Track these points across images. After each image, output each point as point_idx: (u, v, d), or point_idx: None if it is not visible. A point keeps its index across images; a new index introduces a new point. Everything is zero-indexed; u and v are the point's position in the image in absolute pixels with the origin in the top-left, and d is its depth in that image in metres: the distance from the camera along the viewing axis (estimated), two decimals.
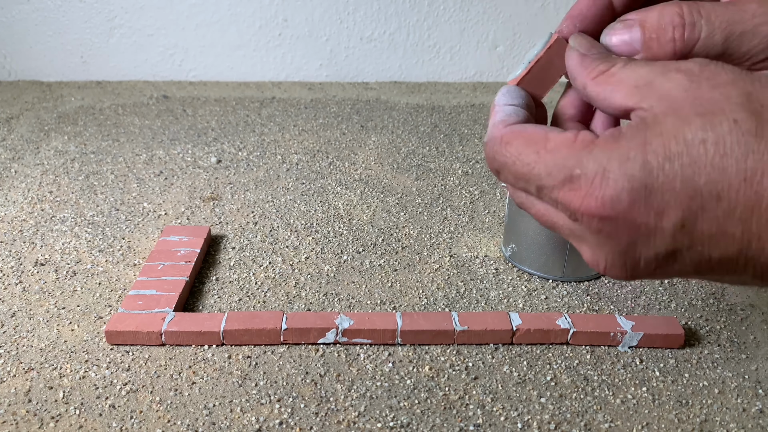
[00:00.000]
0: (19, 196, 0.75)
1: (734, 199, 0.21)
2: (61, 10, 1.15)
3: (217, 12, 1.16)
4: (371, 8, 1.18)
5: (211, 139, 0.93)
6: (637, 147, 0.22)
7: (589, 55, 0.26)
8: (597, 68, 0.25)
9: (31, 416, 0.44)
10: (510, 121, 0.27)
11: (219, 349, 0.51)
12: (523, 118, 0.28)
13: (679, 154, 0.21)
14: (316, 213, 0.73)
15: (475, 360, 0.51)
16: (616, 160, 0.22)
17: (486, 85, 1.25)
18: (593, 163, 0.23)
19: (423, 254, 0.65)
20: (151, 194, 0.76)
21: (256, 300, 0.57)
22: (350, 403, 0.46)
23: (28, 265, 0.62)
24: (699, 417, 0.46)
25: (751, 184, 0.21)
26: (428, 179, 0.82)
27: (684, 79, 0.23)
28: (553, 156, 0.24)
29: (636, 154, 0.22)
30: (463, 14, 1.20)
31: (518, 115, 0.28)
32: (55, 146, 0.89)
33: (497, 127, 0.27)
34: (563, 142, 0.24)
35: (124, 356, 0.50)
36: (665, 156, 0.22)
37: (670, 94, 0.22)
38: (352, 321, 0.51)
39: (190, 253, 0.60)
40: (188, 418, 0.44)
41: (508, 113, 0.28)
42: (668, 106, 0.22)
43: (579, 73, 0.26)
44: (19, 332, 0.52)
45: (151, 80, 1.21)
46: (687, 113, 0.22)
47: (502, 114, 0.28)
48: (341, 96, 1.15)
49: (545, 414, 0.46)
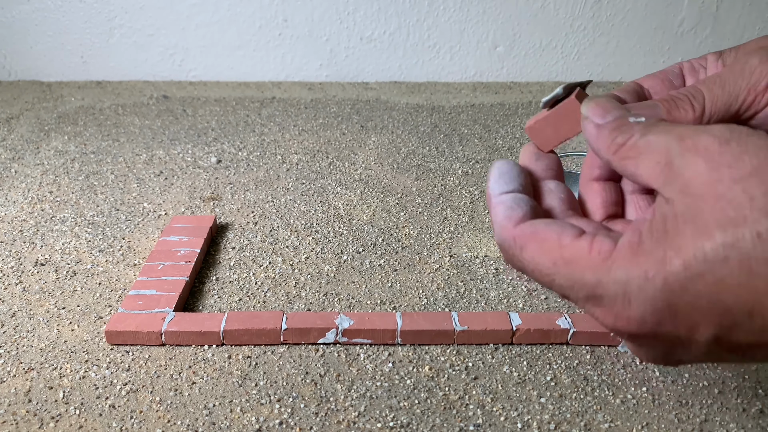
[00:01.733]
0: (19, 196, 0.75)
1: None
2: (61, 10, 1.15)
3: (217, 12, 1.16)
4: (371, 8, 1.18)
5: (211, 139, 0.93)
6: (656, 265, 0.21)
7: (605, 125, 0.25)
8: (615, 141, 0.24)
9: (31, 416, 0.44)
10: (515, 216, 0.26)
11: (219, 349, 0.51)
12: (527, 209, 0.26)
13: (702, 274, 0.20)
14: (316, 213, 0.73)
15: (475, 360, 0.51)
16: (635, 282, 0.21)
17: (486, 85, 1.25)
18: (613, 284, 0.22)
19: (423, 254, 0.65)
20: (151, 194, 0.76)
21: (256, 300, 0.57)
22: (350, 403, 0.46)
23: (28, 265, 0.62)
24: (699, 417, 0.46)
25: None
26: (428, 179, 0.82)
27: (704, 165, 0.21)
28: (571, 270, 0.23)
29: (656, 274, 0.21)
30: (463, 14, 1.20)
31: (521, 206, 0.26)
32: (55, 146, 0.89)
33: (505, 228, 0.26)
34: (579, 254, 0.23)
35: (124, 356, 0.50)
36: (687, 276, 0.20)
37: (690, 187, 0.21)
38: (352, 321, 0.51)
39: (190, 253, 0.60)
40: (188, 418, 0.44)
41: (510, 206, 0.26)
42: (688, 208, 0.21)
43: (599, 148, 0.25)
44: (19, 332, 0.52)
45: (151, 80, 1.21)
46: (707, 222, 0.20)
47: (503, 209, 0.26)
48: (341, 96, 1.15)
49: (545, 414, 0.46)
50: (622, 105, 0.26)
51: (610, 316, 0.23)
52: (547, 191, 0.29)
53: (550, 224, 0.25)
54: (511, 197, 0.27)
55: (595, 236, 0.23)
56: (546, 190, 0.29)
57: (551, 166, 0.30)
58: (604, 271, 0.22)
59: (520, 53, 1.25)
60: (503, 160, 0.29)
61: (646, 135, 0.23)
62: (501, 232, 0.26)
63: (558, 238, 0.24)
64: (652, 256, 0.21)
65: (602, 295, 0.22)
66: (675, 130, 0.23)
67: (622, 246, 0.22)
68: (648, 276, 0.21)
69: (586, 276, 0.23)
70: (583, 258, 0.23)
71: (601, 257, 0.22)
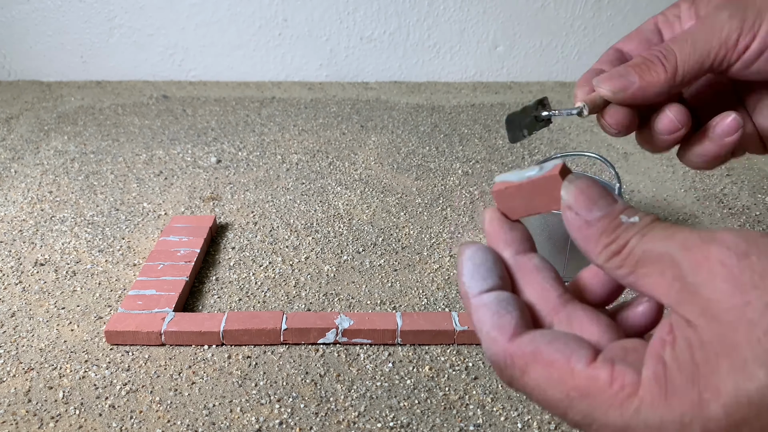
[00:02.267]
0: (19, 196, 0.75)
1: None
2: (61, 10, 1.15)
3: (217, 12, 1.16)
4: (371, 8, 1.18)
5: (211, 139, 0.93)
6: (692, 409, 0.18)
7: (593, 224, 0.22)
8: (608, 248, 0.21)
9: (31, 416, 0.44)
10: (508, 327, 0.22)
11: (219, 349, 0.51)
12: (517, 315, 0.23)
13: (747, 420, 0.18)
14: (316, 213, 0.73)
15: (475, 360, 0.51)
16: (671, 427, 0.19)
17: (486, 84, 1.25)
18: (644, 429, 0.19)
19: (423, 254, 0.65)
20: (151, 194, 0.76)
21: (256, 300, 0.57)
22: (350, 403, 0.46)
23: (28, 265, 0.62)
24: None
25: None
26: (428, 179, 0.82)
27: (725, 286, 0.19)
28: (590, 405, 0.20)
29: (693, 419, 0.18)
30: (463, 14, 1.20)
31: (509, 311, 0.23)
32: (55, 146, 0.89)
33: (497, 343, 0.22)
34: (598, 387, 0.20)
35: (124, 356, 0.50)
36: (729, 423, 0.18)
37: (713, 310, 0.19)
38: (352, 321, 0.51)
39: (190, 253, 0.60)
40: (188, 418, 0.44)
41: (496, 312, 0.23)
42: (719, 338, 0.18)
43: (587, 250, 0.22)
44: (19, 332, 0.52)
45: (151, 80, 1.21)
46: (745, 357, 0.18)
47: (490, 316, 0.23)
48: (341, 96, 1.15)
49: (545, 414, 0.46)
50: (607, 193, 0.23)
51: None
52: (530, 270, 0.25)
53: (554, 341, 0.21)
54: (494, 298, 0.23)
55: (614, 365, 0.20)
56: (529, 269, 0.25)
57: (526, 236, 0.26)
58: (632, 413, 0.19)
59: (520, 53, 1.25)
60: (473, 246, 0.25)
61: (643, 243, 0.21)
62: (492, 347, 0.23)
63: (567, 362, 0.21)
64: (687, 398, 0.19)
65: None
66: (677, 236, 0.20)
67: (648, 381, 0.19)
68: (684, 422, 0.19)
69: (610, 416, 0.20)
70: (603, 393, 0.20)
71: (625, 393, 0.20)
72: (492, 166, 0.86)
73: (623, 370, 0.20)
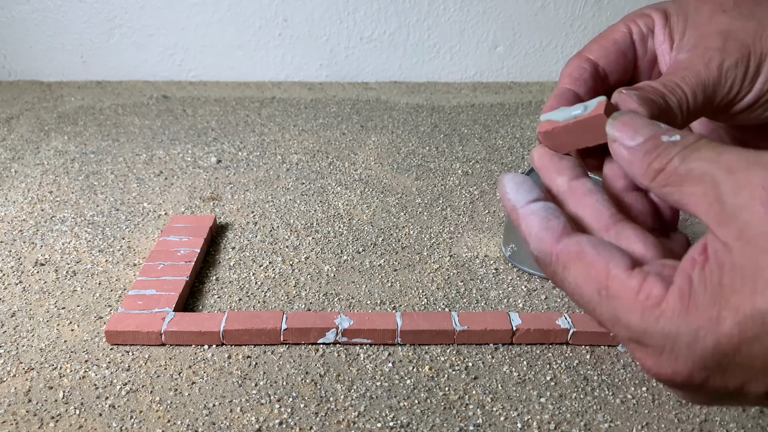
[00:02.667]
0: (19, 196, 0.75)
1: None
2: (61, 10, 1.15)
3: (217, 12, 1.16)
4: (371, 8, 1.18)
5: (211, 139, 0.93)
6: (708, 324, 0.20)
7: (638, 149, 0.23)
8: (652, 167, 0.22)
9: (31, 416, 0.44)
10: (556, 229, 0.24)
11: (219, 349, 0.51)
12: (564, 220, 0.24)
13: (759, 337, 0.19)
14: (316, 213, 0.73)
15: (475, 360, 0.51)
16: (685, 338, 0.20)
17: (486, 85, 1.25)
18: (660, 336, 0.21)
19: (423, 254, 0.65)
20: (151, 194, 0.76)
21: (256, 300, 0.57)
22: (350, 403, 0.46)
23: (28, 265, 0.62)
24: (699, 417, 0.46)
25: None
26: (428, 179, 0.82)
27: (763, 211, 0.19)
28: (615, 306, 0.22)
29: (707, 334, 0.20)
30: (463, 14, 1.20)
31: (557, 216, 0.24)
32: (55, 146, 0.89)
33: (544, 242, 0.24)
34: (626, 292, 0.21)
35: (124, 356, 0.50)
36: (742, 339, 0.19)
37: (749, 234, 0.19)
38: (352, 321, 0.51)
39: (190, 253, 0.60)
40: (188, 418, 0.44)
41: (545, 217, 0.24)
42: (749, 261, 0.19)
43: (634, 174, 0.23)
44: (19, 332, 0.52)
45: (151, 80, 1.21)
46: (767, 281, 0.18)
47: (538, 220, 0.24)
48: (341, 96, 1.15)
49: (545, 414, 0.46)
50: (650, 120, 0.24)
51: (654, 365, 0.22)
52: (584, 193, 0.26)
53: (598, 246, 0.23)
54: (542, 206, 0.24)
55: (647, 276, 0.21)
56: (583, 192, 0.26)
57: (576, 164, 0.27)
58: (652, 320, 0.21)
59: (520, 53, 1.25)
60: (511, 173, 0.26)
61: (687, 162, 0.21)
62: (539, 246, 0.24)
63: (606, 265, 0.22)
64: (705, 314, 0.20)
65: (647, 343, 0.21)
66: (721, 158, 0.21)
67: (673, 296, 0.21)
68: (699, 335, 0.20)
69: (632, 319, 0.21)
70: (629, 298, 0.21)
71: (649, 303, 0.21)
72: (492, 166, 0.86)
73: (653, 282, 0.21)
